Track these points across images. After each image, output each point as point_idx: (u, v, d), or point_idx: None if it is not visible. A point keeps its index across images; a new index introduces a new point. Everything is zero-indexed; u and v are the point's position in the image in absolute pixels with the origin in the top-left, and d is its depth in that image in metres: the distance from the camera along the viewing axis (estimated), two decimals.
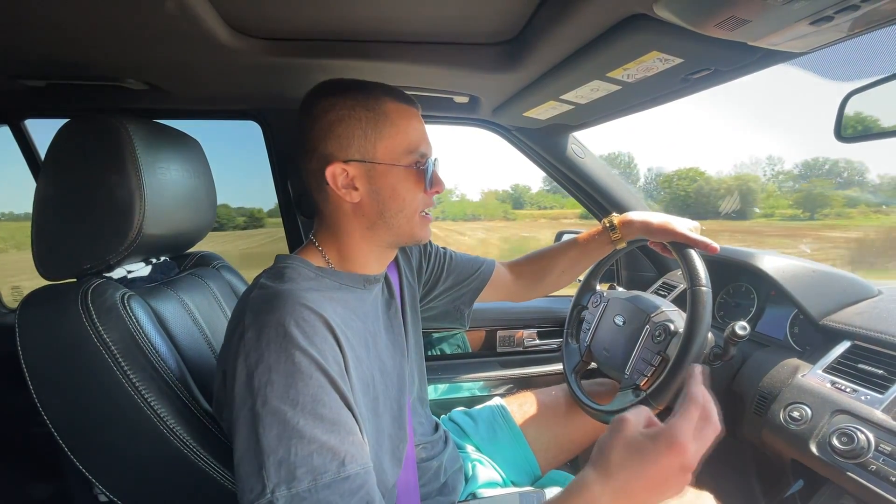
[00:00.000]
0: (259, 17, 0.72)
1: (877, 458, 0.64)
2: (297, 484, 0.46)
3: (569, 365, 1.11)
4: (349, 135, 0.61)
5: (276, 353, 0.50)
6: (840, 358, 0.81)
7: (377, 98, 0.62)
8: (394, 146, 0.63)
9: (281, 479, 0.46)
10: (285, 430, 0.47)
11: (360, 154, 0.62)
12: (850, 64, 2.00)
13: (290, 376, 0.49)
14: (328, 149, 0.62)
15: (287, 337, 0.50)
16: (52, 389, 0.62)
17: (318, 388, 0.50)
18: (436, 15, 0.72)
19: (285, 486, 0.46)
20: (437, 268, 0.93)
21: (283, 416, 0.47)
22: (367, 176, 0.62)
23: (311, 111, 0.63)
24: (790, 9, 0.50)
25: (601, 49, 0.69)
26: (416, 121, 0.66)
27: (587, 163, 1.34)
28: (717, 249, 0.84)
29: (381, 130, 0.62)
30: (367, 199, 0.63)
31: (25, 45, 0.74)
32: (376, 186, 0.63)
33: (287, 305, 0.53)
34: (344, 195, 0.62)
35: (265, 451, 0.46)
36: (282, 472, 0.46)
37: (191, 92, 1.02)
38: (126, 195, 0.65)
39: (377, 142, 0.62)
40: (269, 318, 0.52)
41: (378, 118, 0.62)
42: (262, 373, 0.49)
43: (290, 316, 0.52)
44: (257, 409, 0.48)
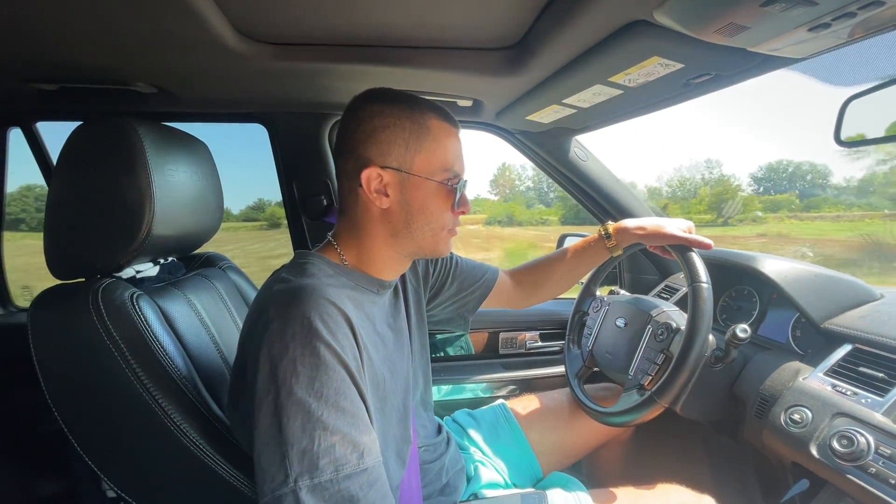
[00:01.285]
0: (266, 23, 0.74)
1: (876, 460, 0.65)
2: (319, 474, 0.47)
3: (571, 370, 1.12)
4: (390, 142, 0.62)
5: (302, 345, 0.50)
6: (841, 361, 0.81)
7: (423, 112, 0.64)
8: (431, 161, 0.64)
9: (304, 469, 0.47)
10: (309, 420, 0.48)
11: (398, 163, 0.63)
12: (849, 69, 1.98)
13: (314, 368, 0.50)
14: (368, 152, 0.63)
15: (312, 330, 0.51)
16: (63, 386, 0.64)
17: (341, 382, 0.51)
18: (440, 21, 0.73)
19: (308, 476, 0.46)
20: (444, 274, 0.94)
21: (307, 406, 0.48)
22: (401, 185, 0.63)
23: (357, 114, 0.64)
24: (788, 16, 0.50)
25: (603, 54, 0.70)
26: (456, 140, 0.67)
27: (589, 166, 1.35)
28: (711, 246, 0.87)
29: (422, 144, 0.63)
30: (396, 208, 0.64)
31: (38, 49, 0.76)
32: (407, 197, 0.64)
33: (312, 299, 0.54)
34: (374, 199, 0.63)
35: (289, 440, 0.47)
36: (305, 462, 0.47)
37: (199, 95, 1.04)
38: (136, 197, 0.66)
39: (416, 154, 0.63)
40: (293, 311, 0.53)
41: (421, 131, 0.63)
42: (287, 364, 0.50)
43: (314, 310, 0.53)
44: (281, 399, 0.48)
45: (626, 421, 0.87)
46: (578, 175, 1.36)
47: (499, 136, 1.35)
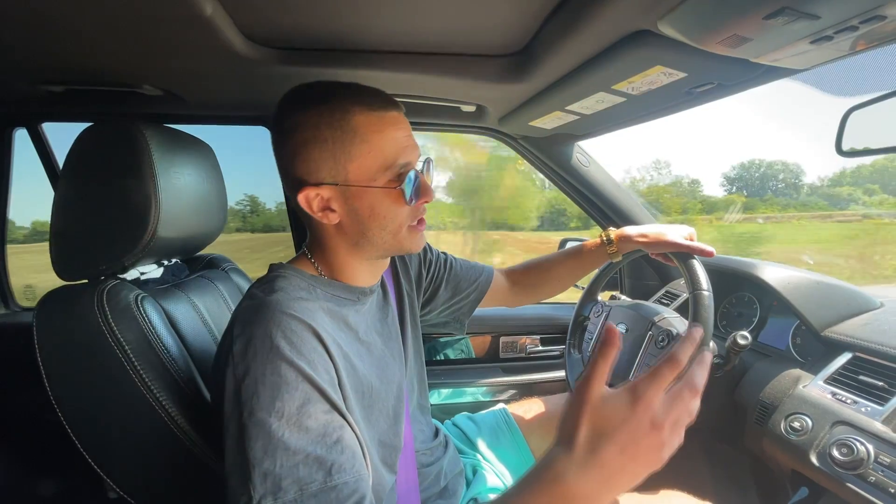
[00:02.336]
0: (273, 28, 0.74)
1: (876, 469, 0.65)
2: (282, 495, 0.46)
3: (572, 375, 1.12)
4: (317, 158, 0.58)
5: (262, 364, 0.49)
6: (841, 369, 0.81)
7: (344, 111, 0.57)
8: (366, 166, 0.58)
9: (267, 491, 0.46)
10: (270, 441, 0.47)
11: (332, 177, 0.58)
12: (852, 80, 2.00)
13: (275, 388, 0.49)
14: (298, 172, 0.59)
15: (273, 349, 0.50)
16: (66, 386, 0.64)
17: (305, 400, 0.49)
18: (446, 28, 0.74)
19: (271, 497, 0.46)
20: (437, 277, 0.94)
21: (268, 427, 0.47)
22: (343, 197, 0.59)
23: (282, 126, 0.60)
24: (790, 29, 0.51)
25: (607, 63, 0.71)
26: (393, 129, 0.59)
27: (591, 172, 1.36)
28: (713, 253, 0.86)
29: (351, 151, 0.57)
30: (347, 220, 0.61)
31: (47, 51, 0.76)
32: (353, 206, 0.60)
33: (274, 316, 0.52)
34: (321, 218, 0.60)
35: (251, 462, 0.46)
36: (267, 484, 0.46)
37: (205, 98, 1.05)
38: (142, 199, 0.66)
39: (347, 163, 0.58)
40: (255, 329, 0.52)
41: (346, 136, 0.57)
42: (248, 385, 0.49)
43: (276, 327, 0.51)
44: (244, 420, 0.48)
45: None
46: (580, 180, 1.36)
47: (501, 140, 1.35)
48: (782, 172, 64.68)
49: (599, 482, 0.39)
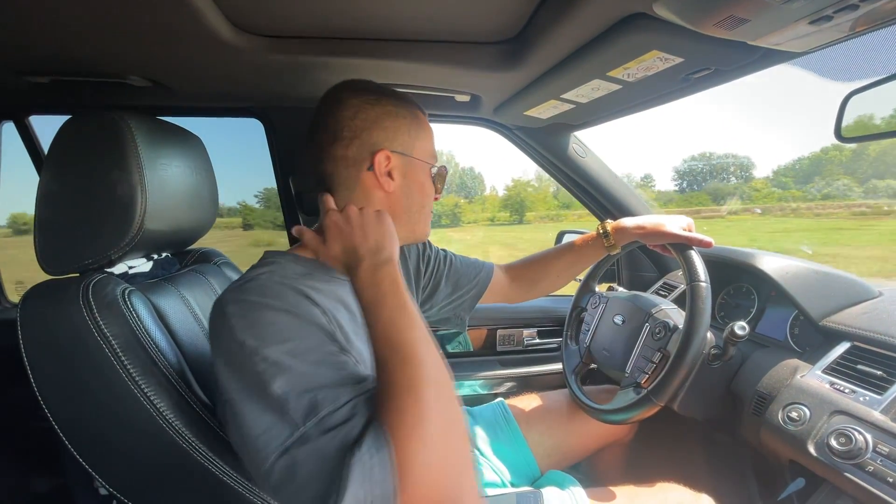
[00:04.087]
0: (262, 15, 0.73)
1: (875, 458, 0.64)
2: (319, 410, 0.45)
3: (568, 366, 1.11)
4: (396, 128, 0.66)
5: (261, 317, 0.50)
6: (839, 359, 0.81)
7: (411, 105, 0.69)
8: (426, 147, 0.69)
9: (305, 412, 0.45)
10: (292, 375, 0.47)
11: (403, 147, 0.66)
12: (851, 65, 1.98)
13: (280, 333, 0.49)
14: (375, 137, 0.65)
15: (269, 305, 0.51)
16: (53, 383, 0.63)
17: (313, 340, 0.50)
18: (437, 14, 0.72)
19: (312, 416, 0.45)
20: (437, 273, 0.94)
21: (283, 365, 0.47)
22: (404, 168, 0.67)
23: (351, 101, 0.65)
24: (789, 8, 0.50)
25: (602, 48, 0.69)
26: (433, 136, 0.73)
27: (588, 162, 1.34)
28: (711, 244, 0.86)
29: (418, 132, 0.68)
30: (399, 191, 0.67)
31: (30, 41, 0.74)
32: (409, 179, 0.67)
33: (266, 284, 0.53)
34: (383, 182, 0.65)
35: (280, 398, 0.46)
36: (303, 405, 0.45)
37: (194, 89, 1.03)
38: (128, 191, 0.65)
39: (416, 140, 0.68)
40: (247, 297, 0.52)
41: (416, 121, 0.68)
42: (254, 336, 0.49)
43: (269, 290, 0.52)
44: (258, 368, 0.47)
45: (622, 419, 0.87)
46: (577, 171, 1.35)
47: (496, 131, 1.34)
48: (732, 166, 64.46)
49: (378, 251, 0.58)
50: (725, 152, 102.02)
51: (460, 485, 0.45)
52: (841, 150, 65.99)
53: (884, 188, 53.34)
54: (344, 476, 0.42)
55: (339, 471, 0.42)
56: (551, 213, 42.83)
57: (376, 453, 0.43)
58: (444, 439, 0.45)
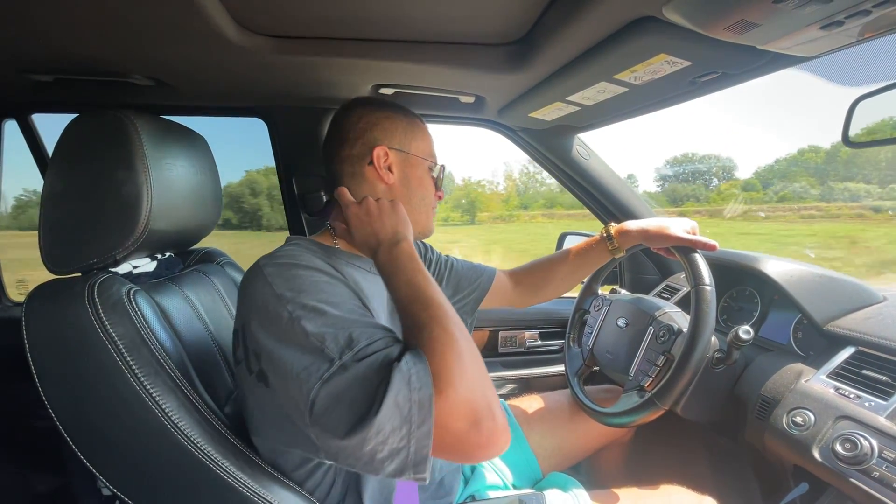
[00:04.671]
0: (267, 15, 0.72)
1: (880, 464, 0.64)
2: (355, 344, 0.49)
3: (571, 369, 1.11)
4: (394, 129, 0.73)
5: (298, 273, 0.56)
6: (844, 364, 0.80)
7: (410, 113, 0.77)
8: (423, 147, 0.76)
9: (343, 346, 0.48)
10: (327, 318, 0.51)
11: (400, 145, 0.73)
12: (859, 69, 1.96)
13: (315, 285, 0.55)
14: (375, 136, 0.72)
15: (305, 265, 0.57)
16: (57, 383, 0.62)
17: (344, 294, 0.56)
18: (443, 15, 0.72)
19: (348, 350, 0.48)
20: (437, 275, 0.95)
21: (321, 309, 0.51)
22: (402, 164, 0.73)
23: (358, 110, 0.74)
24: (800, 13, 0.49)
25: (609, 51, 0.69)
26: (433, 140, 0.79)
27: (592, 165, 1.34)
28: (715, 247, 0.86)
29: (415, 133, 0.75)
30: (398, 184, 0.73)
31: (34, 40, 0.74)
32: (408, 174, 0.74)
33: (298, 253, 0.60)
34: (383, 175, 0.71)
35: (316, 335, 0.49)
36: (340, 341, 0.49)
37: (197, 88, 1.02)
38: (133, 191, 0.65)
39: (412, 140, 0.74)
40: (285, 258, 0.58)
41: (413, 124, 0.76)
42: (292, 288, 0.53)
43: (302, 257, 0.59)
44: (295, 314, 0.51)
45: (626, 422, 0.87)
46: (580, 173, 1.35)
47: (500, 133, 1.33)
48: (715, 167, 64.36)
49: (395, 234, 0.64)
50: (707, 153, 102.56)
51: (490, 395, 0.49)
52: (817, 151, 66.69)
53: (840, 190, 53.46)
54: (384, 385, 0.45)
55: (382, 385, 0.45)
56: (504, 214, 43.91)
57: (415, 364, 0.46)
58: (471, 358, 0.50)
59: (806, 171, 58.79)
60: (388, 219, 0.66)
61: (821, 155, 65.48)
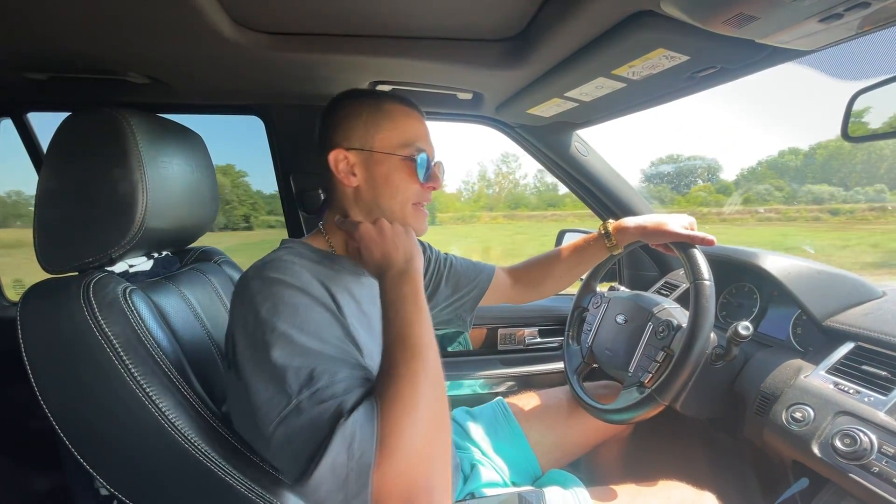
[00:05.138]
0: (262, 12, 0.72)
1: (880, 459, 0.64)
2: (315, 382, 0.49)
3: (570, 366, 1.11)
4: (352, 127, 0.68)
5: (279, 292, 0.55)
6: (843, 359, 0.80)
7: (381, 99, 0.70)
8: (390, 138, 0.68)
9: (302, 383, 0.49)
10: (294, 348, 0.51)
11: (360, 143, 0.68)
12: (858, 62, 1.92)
13: (293, 308, 0.54)
14: (334, 140, 0.69)
15: (286, 282, 0.56)
16: (53, 383, 0.62)
17: (321, 318, 0.55)
18: (440, 11, 0.71)
19: (306, 389, 0.49)
20: (437, 274, 0.94)
21: (290, 337, 0.51)
22: (365, 163, 0.68)
23: (327, 111, 0.71)
24: (799, 6, 0.49)
25: (607, 46, 0.69)
26: (416, 121, 0.71)
27: (590, 161, 1.34)
28: (713, 242, 0.86)
29: (380, 124, 0.68)
30: (365, 186, 0.69)
31: (28, 38, 0.73)
32: (372, 173, 0.68)
33: (284, 263, 0.59)
34: (343, 178, 0.68)
35: (280, 368, 0.50)
36: (301, 377, 0.49)
37: (193, 86, 1.02)
38: (129, 189, 0.64)
39: (375, 133, 0.68)
40: (268, 273, 0.57)
41: (378, 114, 0.68)
42: (269, 308, 0.53)
43: (287, 268, 0.58)
44: (267, 338, 0.51)
45: (626, 418, 0.87)
46: (579, 170, 1.34)
47: (499, 129, 1.33)
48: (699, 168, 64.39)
49: (407, 260, 0.62)
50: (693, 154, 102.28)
51: (435, 477, 0.48)
52: (796, 154, 67.15)
53: (805, 193, 53.64)
54: (326, 443, 0.46)
55: (325, 441, 0.46)
56: (466, 215, 45.00)
57: (363, 426, 0.46)
58: (430, 432, 0.49)
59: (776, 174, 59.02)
60: (401, 243, 0.64)
61: (799, 157, 65.99)
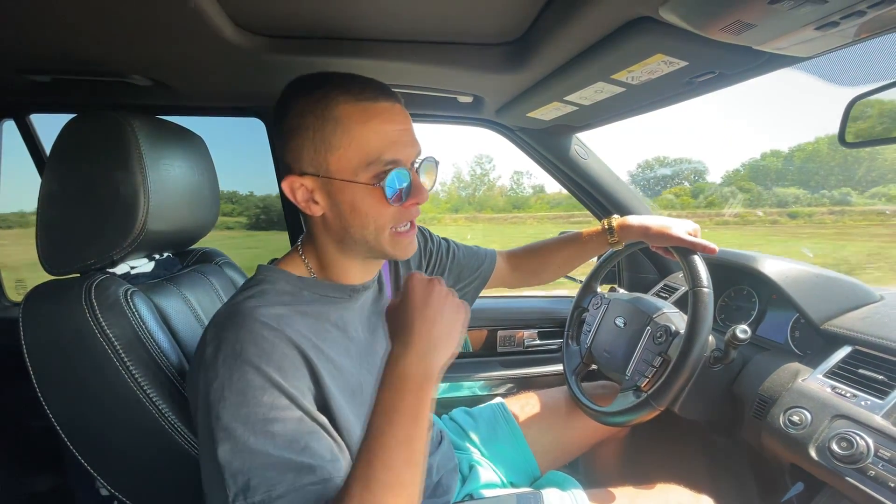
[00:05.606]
0: (264, 15, 0.72)
1: (876, 463, 0.64)
2: (251, 494, 0.46)
3: (569, 367, 1.11)
4: (299, 146, 0.56)
5: (229, 370, 0.49)
6: (841, 363, 0.81)
7: (329, 99, 0.55)
8: (347, 157, 0.55)
9: (238, 490, 0.47)
10: (236, 446, 0.47)
11: (313, 167, 0.56)
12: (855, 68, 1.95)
13: (241, 394, 0.48)
14: (286, 159, 0.58)
15: (241, 355, 0.49)
16: (54, 383, 0.63)
17: (271, 406, 0.49)
18: (440, 14, 0.72)
19: (242, 497, 0.46)
20: (439, 265, 0.93)
21: (233, 433, 0.47)
22: (325, 190, 0.57)
23: (276, 115, 0.60)
24: (796, 14, 0.49)
25: (606, 51, 0.69)
26: (380, 121, 0.56)
27: (590, 164, 1.34)
28: (715, 250, 0.86)
29: (331, 141, 0.55)
30: (330, 214, 0.58)
31: (31, 40, 0.74)
32: (336, 201, 0.57)
33: (245, 323, 0.52)
34: (305, 208, 0.59)
35: (222, 464, 0.47)
36: (238, 483, 0.47)
37: (195, 88, 1.02)
38: (130, 191, 0.65)
39: (328, 154, 0.55)
40: (226, 335, 0.51)
41: (327, 126, 0.55)
42: (216, 389, 0.49)
43: (247, 333, 0.51)
44: (212, 424, 0.48)
45: (622, 422, 0.87)
46: (579, 173, 1.35)
47: (498, 132, 1.33)
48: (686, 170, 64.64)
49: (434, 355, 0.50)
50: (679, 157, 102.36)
51: None
52: (778, 156, 67.49)
53: (768, 196, 53.71)
54: None
55: None
56: (430, 217, 46.22)
57: None
58: None
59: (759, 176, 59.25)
60: (445, 320, 0.52)
61: (780, 159, 66.40)
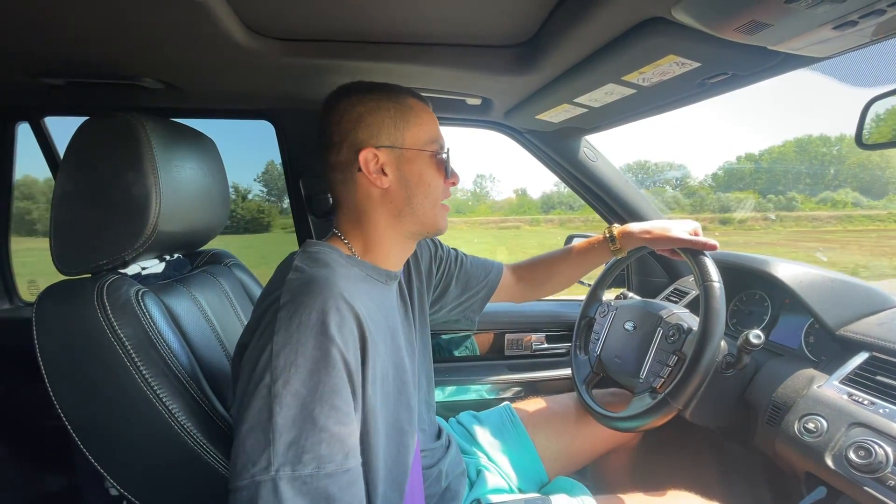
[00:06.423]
0: (275, 18, 0.73)
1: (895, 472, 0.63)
2: (301, 468, 0.46)
3: (579, 377, 1.09)
4: (379, 123, 0.65)
5: (307, 337, 0.50)
6: (857, 369, 0.79)
7: (400, 94, 0.67)
8: (419, 134, 0.67)
9: (287, 460, 0.46)
10: (301, 413, 0.47)
11: (390, 141, 0.65)
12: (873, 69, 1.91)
13: (316, 363, 0.49)
14: (359, 137, 0.65)
15: (320, 324, 0.50)
16: (66, 383, 0.63)
17: (339, 380, 0.50)
18: (450, 17, 0.72)
19: (290, 468, 0.46)
20: (448, 274, 0.94)
21: (302, 400, 0.48)
22: (396, 162, 0.66)
23: (338, 106, 0.66)
24: (813, 13, 0.49)
25: (617, 52, 0.69)
26: (433, 118, 0.71)
27: (599, 167, 1.33)
28: (716, 246, 0.84)
29: (408, 120, 0.66)
30: (395, 186, 0.66)
31: (45, 44, 0.75)
32: (404, 172, 0.66)
33: (325, 292, 0.53)
34: (374, 180, 0.65)
35: (277, 429, 0.47)
36: (290, 454, 0.46)
37: (206, 91, 1.03)
38: (143, 192, 0.65)
39: (405, 130, 0.66)
40: (306, 301, 0.52)
41: (404, 110, 0.66)
42: (288, 354, 0.49)
43: (326, 303, 0.52)
44: (277, 388, 0.48)
45: (639, 425, 0.85)
46: (588, 176, 1.34)
47: (507, 135, 1.33)
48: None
49: None
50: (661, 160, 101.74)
51: None
52: (752, 159, 66.96)
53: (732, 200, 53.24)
54: None
55: None
56: None
57: None
58: None
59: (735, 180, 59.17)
60: None
61: (753, 162, 66.25)
